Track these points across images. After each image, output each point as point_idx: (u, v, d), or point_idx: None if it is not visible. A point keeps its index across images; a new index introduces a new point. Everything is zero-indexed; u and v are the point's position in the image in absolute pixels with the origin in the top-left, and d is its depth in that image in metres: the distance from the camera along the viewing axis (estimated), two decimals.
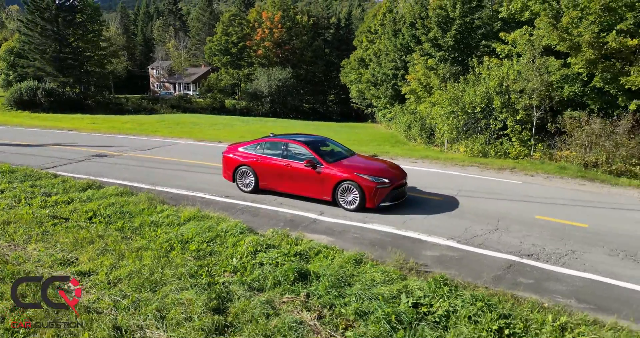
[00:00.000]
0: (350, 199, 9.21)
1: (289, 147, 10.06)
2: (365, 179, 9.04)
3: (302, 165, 9.55)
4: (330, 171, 9.34)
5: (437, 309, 5.04)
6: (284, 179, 9.92)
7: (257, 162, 10.24)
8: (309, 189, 9.66)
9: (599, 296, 5.78)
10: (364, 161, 10.23)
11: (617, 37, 15.90)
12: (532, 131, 18.26)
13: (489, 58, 21.30)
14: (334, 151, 10.60)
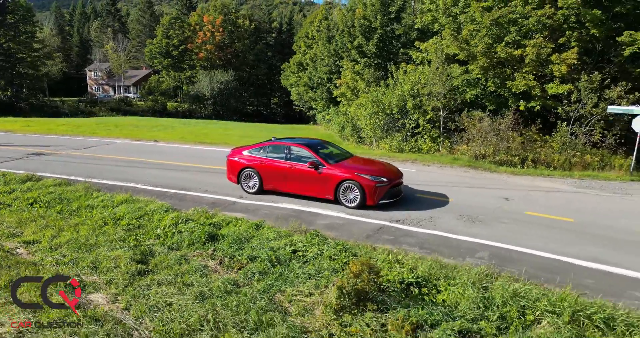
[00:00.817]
0: (351, 198, 9.83)
1: (291, 150, 10.59)
2: (365, 179, 9.68)
3: (305, 167, 10.11)
4: (332, 171, 9.94)
5: (309, 252, 6.83)
6: (287, 180, 10.45)
7: (261, 165, 10.73)
8: (312, 189, 10.23)
9: (436, 244, 7.80)
10: (363, 162, 10.97)
11: (504, 48, 18.71)
12: (440, 129, 20.83)
13: (406, 64, 23.77)
14: (333, 153, 11.12)
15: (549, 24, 17.82)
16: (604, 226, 8.88)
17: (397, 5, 25.95)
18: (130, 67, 69.30)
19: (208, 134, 27.08)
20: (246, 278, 6.13)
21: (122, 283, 5.94)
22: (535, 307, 5.28)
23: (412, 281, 5.93)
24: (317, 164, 10.03)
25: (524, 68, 18.61)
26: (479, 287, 5.74)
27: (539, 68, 18.44)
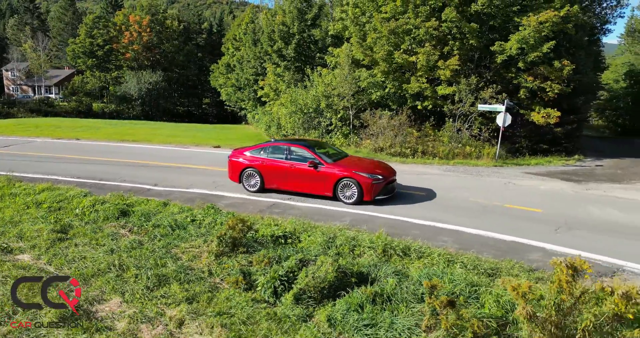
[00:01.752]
0: (349, 194, 10.46)
1: (291, 150, 11.16)
2: (362, 176, 10.33)
3: (305, 166, 10.70)
4: (330, 170, 10.55)
5: (205, 221, 8.53)
6: (288, 179, 11.00)
7: (262, 164, 11.25)
8: (311, 187, 10.80)
9: (312, 213, 9.76)
10: (359, 161, 11.72)
11: (401, 54, 21.38)
12: (350, 126, 23.21)
13: (322, 68, 25.96)
14: (330, 152, 11.73)
15: (435, 34, 20.68)
16: (448, 197, 11.36)
17: (312, 13, 28.13)
18: (52, 66, 66.37)
19: (134, 134, 27.68)
20: (150, 239, 7.73)
21: (44, 247, 7.30)
22: (362, 245, 7.38)
23: (280, 235, 7.84)
24: (316, 164, 10.60)
25: (417, 72, 21.39)
26: (329, 237, 7.76)
27: (430, 72, 21.29)
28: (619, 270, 6.90)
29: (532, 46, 19.63)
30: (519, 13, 20.33)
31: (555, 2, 20.16)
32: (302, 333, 5.01)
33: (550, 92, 20.19)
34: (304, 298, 5.75)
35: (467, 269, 6.52)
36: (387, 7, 21.54)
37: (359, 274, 6.30)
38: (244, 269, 6.50)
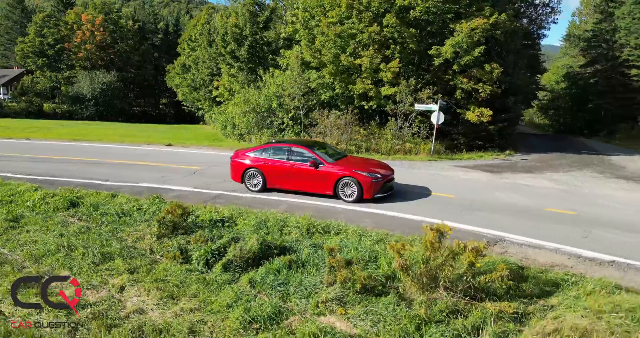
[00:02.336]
0: (349, 193, 10.80)
1: (293, 150, 11.45)
2: (362, 175, 10.67)
3: (306, 166, 11.00)
4: (331, 169, 10.88)
5: (150, 209, 9.37)
6: (290, 178, 11.28)
7: (264, 165, 11.54)
8: (313, 186, 11.12)
9: (253, 202, 10.75)
10: (358, 160, 12.13)
11: (347, 57, 22.68)
12: (301, 124, 24.31)
13: (274, 69, 26.93)
14: (330, 152, 12.03)
15: (378, 39, 22.12)
16: None
17: (264, 16, 29.07)
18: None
19: (87, 134, 27.68)
20: (97, 225, 8.52)
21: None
22: (289, 225, 8.47)
23: (218, 219, 8.81)
24: (317, 163, 10.92)
25: (363, 74, 22.76)
26: (261, 220, 8.80)
27: (374, 74, 22.71)
28: (501, 240, 8.31)
29: (465, 50, 21.39)
30: (454, 20, 22.09)
31: (486, 10, 22.04)
32: (225, 291, 6.03)
33: (483, 93, 22.05)
34: (232, 267, 6.78)
35: (373, 241, 7.73)
36: (333, 12, 22.78)
37: (282, 247, 7.39)
38: (181, 247, 7.44)
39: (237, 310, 5.48)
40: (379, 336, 5.14)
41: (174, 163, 15.96)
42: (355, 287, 5.94)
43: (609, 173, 16.58)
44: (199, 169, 14.79)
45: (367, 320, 5.42)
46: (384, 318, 5.43)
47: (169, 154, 18.46)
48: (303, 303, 5.82)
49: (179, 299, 5.87)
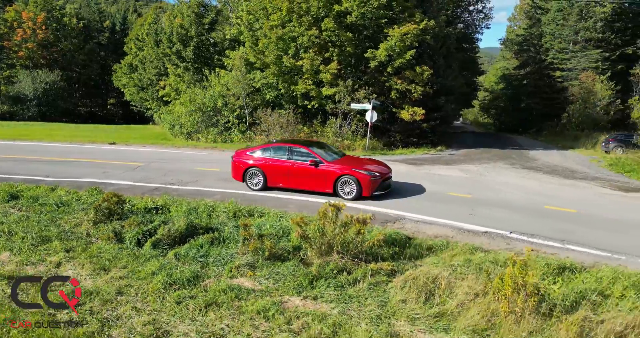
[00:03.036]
0: (349, 191, 11.11)
1: (293, 150, 11.75)
2: (361, 174, 11.00)
3: (306, 165, 11.31)
4: (330, 168, 11.19)
5: (88, 199, 10.11)
6: (290, 177, 11.57)
7: (265, 164, 11.82)
8: (313, 184, 11.40)
9: (189, 194, 11.65)
10: (356, 159, 12.57)
11: (289, 59, 23.82)
12: (247, 123, 25.23)
13: (220, 69, 27.66)
14: (329, 152, 12.36)
15: (317, 42, 23.42)
16: None
17: (209, 18, 29.72)
18: None
19: (29, 135, 27.28)
20: (37, 214, 9.19)
21: None
22: (218, 210, 9.49)
23: (152, 207, 9.70)
24: (317, 162, 11.24)
25: (304, 75, 23.98)
26: (193, 207, 9.76)
27: (315, 75, 23.99)
28: (402, 218, 9.71)
29: (398, 54, 23.08)
30: (388, 25, 23.72)
31: (416, 16, 23.85)
32: (152, 262, 6.99)
33: (415, 93, 23.84)
34: (160, 244, 7.74)
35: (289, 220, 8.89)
36: (275, 15, 23.85)
37: (208, 228, 8.40)
38: (116, 230, 8.30)
39: (160, 276, 6.47)
40: (278, 290, 6.29)
41: (117, 159, 16.51)
42: (265, 255, 7.09)
43: (519, 165, 18.67)
44: (140, 165, 15.47)
45: (271, 279, 6.58)
46: (285, 277, 6.60)
47: (112, 152, 18.90)
48: (219, 270, 6.89)
49: (110, 270, 6.78)
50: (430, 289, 6.12)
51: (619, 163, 19.76)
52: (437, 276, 6.23)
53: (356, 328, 5.27)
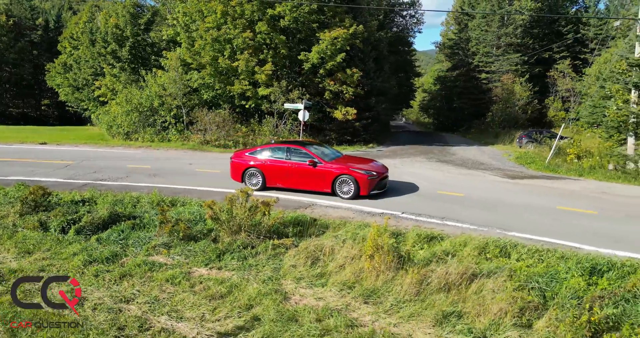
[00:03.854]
0: (346, 190, 11.27)
1: (291, 150, 11.94)
2: (359, 173, 11.19)
3: (304, 165, 11.48)
4: (328, 168, 11.38)
5: (17, 194, 10.54)
6: (289, 177, 11.72)
7: (264, 164, 11.98)
8: (311, 184, 11.55)
9: (120, 188, 12.27)
10: (354, 159, 12.81)
11: (224, 60, 24.56)
12: (184, 123, 25.68)
13: (157, 70, 27.86)
14: (327, 152, 12.57)
15: (252, 44, 24.34)
16: None
17: (145, 18, 29.83)
18: None
19: None
20: None
21: None
22: (142, 201, 10.27)
23: (79, 199, 10.32)
24: (315, 162, 11.41)
25: (240, 76, 24.82)
26: (118, 199, 10.46)
27: (251, 76, 24.87)
28: (314, 204, 10.92)
29: (329, 56, 24.46)
30: (319, 29, 25.05)
31: (346, 22, 25.34)
32: (74, 246, 7.74)
33: (347, 94, 25.33)
34: (84, 231, 8.46)
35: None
36: (210, 18, 24.50)
37: (131, 216, 9.20)
38: (42, 220, 8.90)
39: (80, 256, 7.24)
40: (188, 264, 7.26)
41: (47, 159, 16.67)
42: (180, 236, 8.03)
43: (436, 159, 20.58)
44: (71, 163, 15.78)
45: (183, 255, 7.54)
46: (196, 253, 7.58)
47: (43, 152, 18.90)
48: (138, 250, 7.75)
49: (34, 253, 7.46)
50: (317, 256, 7.33)
51: (524, 156, 22.17)
52: (323, 246, 7.45)
53: (248, 287, 6.37)
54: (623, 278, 6.23)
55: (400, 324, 5.50)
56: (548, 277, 6.38)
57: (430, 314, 5.61)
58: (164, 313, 5.64)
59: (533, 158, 21.37)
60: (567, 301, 5.68)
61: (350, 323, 5.41)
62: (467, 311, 5.65)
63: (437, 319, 5.50)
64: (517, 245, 7.65)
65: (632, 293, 5.75)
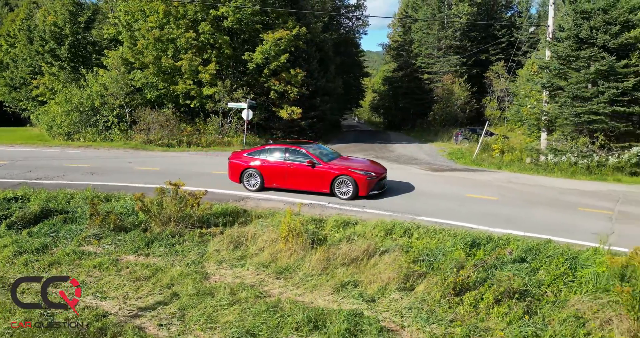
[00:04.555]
0: (345, 191, 11.22)
1: (290, 151, 11.87)
2: (357, 174, 11.15)
3: (303, 165, 11.43)
4: (327, 168, 11.34)
5: None
6: (288, 178, 11.67)
7: (262, 165, 11.93)
8: (310, 184, 11.51)
9: (57, 186, 12.39)
10: (352, 160, 12.75)
11: (168, 59, 24.65)
12: (127, 122, 25.52)
13: (99, 69, 27.42)
14: (325, 153, 12.45)
15: (195, 44, 24.58)
16: (172, 169, 15.19)
17: (85, 16, 29.27)
18: None
19: None
20: None
21: None
22: (77, 198, 10.55)
23: (12, 197, 10.45)
24: (313, 163, 11.38)
25: (184, 75, 24.99)
26: (53, 196, 10.68)
27: (195, 76, 25.09)
28: (247, 197, 11.58)
29: (273, 57, 25.09)
30: (263, 30, 25.64)
31: (289, 23, 26.08)
32: (5, 239, 8.01)
33: (292, 94, 26.08)
34: (15, 225, 8.70)
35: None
36: (152, 17, 24.49)
37: (63, 211, 9.50)
38: None
39: (10, 247, 7.56)
40: (118, 252, 7.75)
41: None
42: (110, 227, 8.48)
43: (373, 155, 21.74)
44: (4, 163, 15.59)
45: (113, 244, 8.01)
46: (126, 243, 8.08)
47: None
48: (68, 241, 8.14)
49: None
50: (240, 241, 8.04)
51: (456, 152, 23.80)
52: (247, 232, 8.16)
53: (172, 270, 6.98)
54: (495, 249, 7.35)
55: (304, 294, 6.31)
56: (437, 251, 7.41)
57: (331, 284, 6.46)
58: (89, 294, 6.16)
59: (464, 153, 22.99)
60: (447, 269, 6.69)
61: (259, 295, 6.16)
62: (362, 280, 6.54)
63: (336, 288, 6.35)
64: (419, 227, 8.68)
65: (499, 260, 6.86)
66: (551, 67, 17.15)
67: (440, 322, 5.42)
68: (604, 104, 15.71)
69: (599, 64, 15.64)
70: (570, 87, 16.50)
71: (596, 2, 16.13)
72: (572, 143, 16.84)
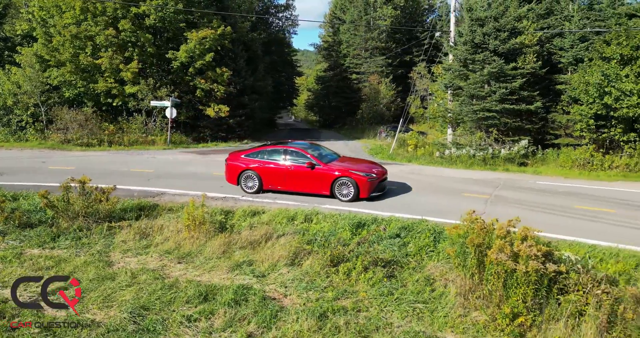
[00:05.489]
0: (346, 193, 11.05)
1: (288, 152, 11.58)
2: (358, 175, 10.97)
3: (302, 167, 11.21)
4: (327, 170, 11.14)
5: None
6: (287, 179, 11.43)
7: (260, 167, 11.61)
8: (309, 186, 11.32)
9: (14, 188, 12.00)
10: (352, 161, 12.57)
11: (86, 57, 23.97)
12: (44, 122, 24.50)
13: (11, 66, 25.99)
14: (324, 154, 12.20)
15: (116, 41, 24.12)
16: (92, 167, 15.10)
17: None
18: None
19: None
20: None
21: None
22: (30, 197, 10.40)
23: None
24: (313, 164, 11.21)
25: (105, 73, 24.43)
26: None
27: (116, 74, 24.61)
28: (163, 193, 11.94)
29: (198, 56, 25.19)
30: (188, 28, 25.64)
31: (214, 23, 26.27)
32: None
33: (219, 92, 26.32)
34: None
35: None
36: (68, 13, 23.72)
37: None
38: None
39: None
40: (23, 247, 7.93)
41: None
42: (15, 223, 8.60)
43: None
44: None
45: (18, 240, 8.16)
46: (32, 238, 8.25)
47: None
48: None
49: None
50: (148, 232, 8.50)
51: (377, 148, 25.30)
52: (155, 224, 8.64)
53: (76, 260, 7.33)
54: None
55: (202, 274, 6.95)
56: (329, 233, 8.34)
57: (228, 264, 7.16)
58: None
59: (383, 149, 24.52)
60: (334, 246, 7.62)
61: (158, 277, 6.72)
62: (256, 259, 7.31)
63: (232, 267, 7.07)
64: (318, 213, 9.60)
65: (378, 237, 7.91)
66: (452, 68, 18.93)
67: (316, 289, 6.30)
68: (496, 102, 17.66)
69: (490, 66, 17.56)
70: (468, 87, 18.34)
71: (488, 11, 18.05)
72: (471, 137, 18.72)
